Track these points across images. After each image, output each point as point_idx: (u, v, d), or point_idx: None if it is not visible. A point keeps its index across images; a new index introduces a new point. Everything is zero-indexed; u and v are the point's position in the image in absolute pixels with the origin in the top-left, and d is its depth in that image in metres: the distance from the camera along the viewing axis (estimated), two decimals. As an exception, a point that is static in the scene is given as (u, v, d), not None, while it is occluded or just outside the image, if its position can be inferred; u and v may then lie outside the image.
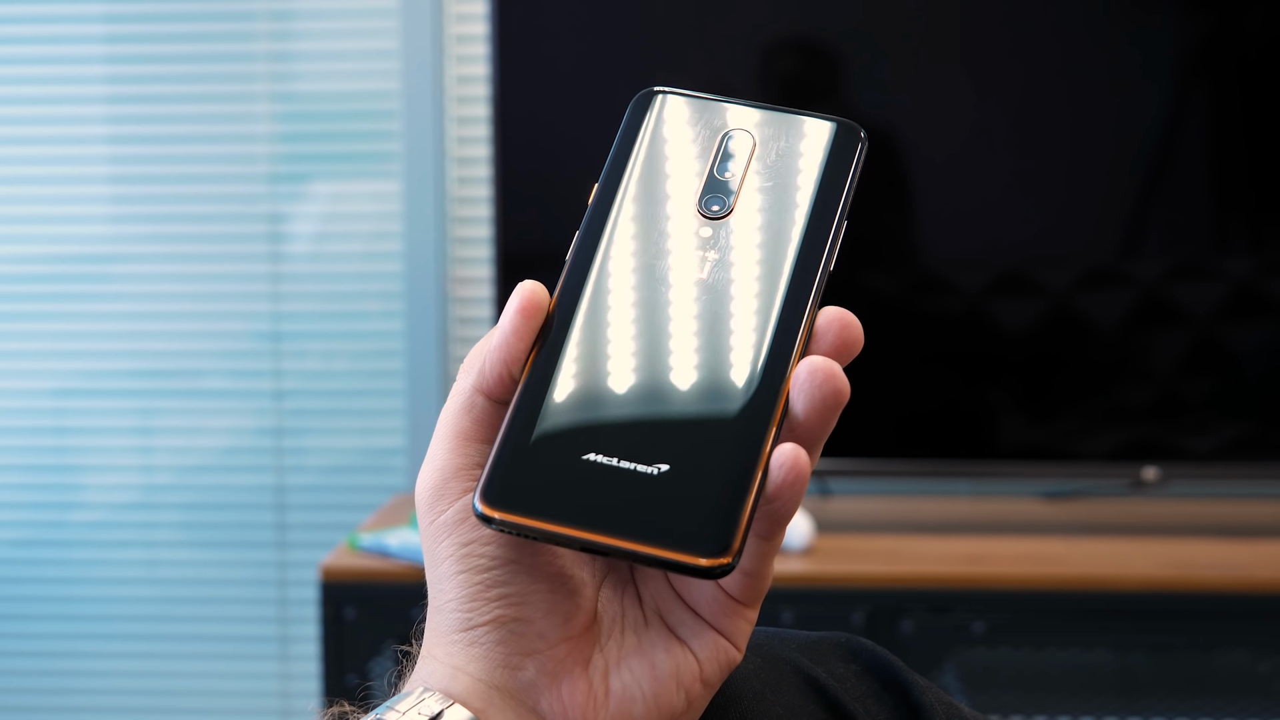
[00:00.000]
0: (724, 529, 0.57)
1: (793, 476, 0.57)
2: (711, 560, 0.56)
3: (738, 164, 0.65)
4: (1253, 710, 2.31)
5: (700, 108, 0.67)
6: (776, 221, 0.63)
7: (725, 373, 0.60)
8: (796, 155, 0.65)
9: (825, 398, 0.58)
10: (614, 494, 0.58)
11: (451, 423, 0.63)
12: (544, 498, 0.59)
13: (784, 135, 0.65)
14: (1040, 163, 2.49)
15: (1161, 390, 2.48)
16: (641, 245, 0.64)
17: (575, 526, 0.58)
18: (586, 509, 0.58)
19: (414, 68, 2.75)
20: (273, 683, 2.92)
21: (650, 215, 0.65)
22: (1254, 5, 2.46)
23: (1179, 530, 2.47)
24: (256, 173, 2.84)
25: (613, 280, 0.63)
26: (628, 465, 0.59)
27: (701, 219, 0.64)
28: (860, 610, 2.24)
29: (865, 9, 2.49)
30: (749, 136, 0.65)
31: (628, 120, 0.67)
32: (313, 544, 2.87)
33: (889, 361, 2.48)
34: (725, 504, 0.57)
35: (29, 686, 2.96)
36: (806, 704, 0.69)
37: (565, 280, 0.64)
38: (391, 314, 2.83)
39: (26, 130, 2.88)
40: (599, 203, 0.65)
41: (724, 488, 0.58)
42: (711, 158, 0.65)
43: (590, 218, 0.65)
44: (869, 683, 0.71)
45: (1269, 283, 2.45)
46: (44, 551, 2.94)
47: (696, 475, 0.58)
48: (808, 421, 0.59)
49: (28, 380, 2.92)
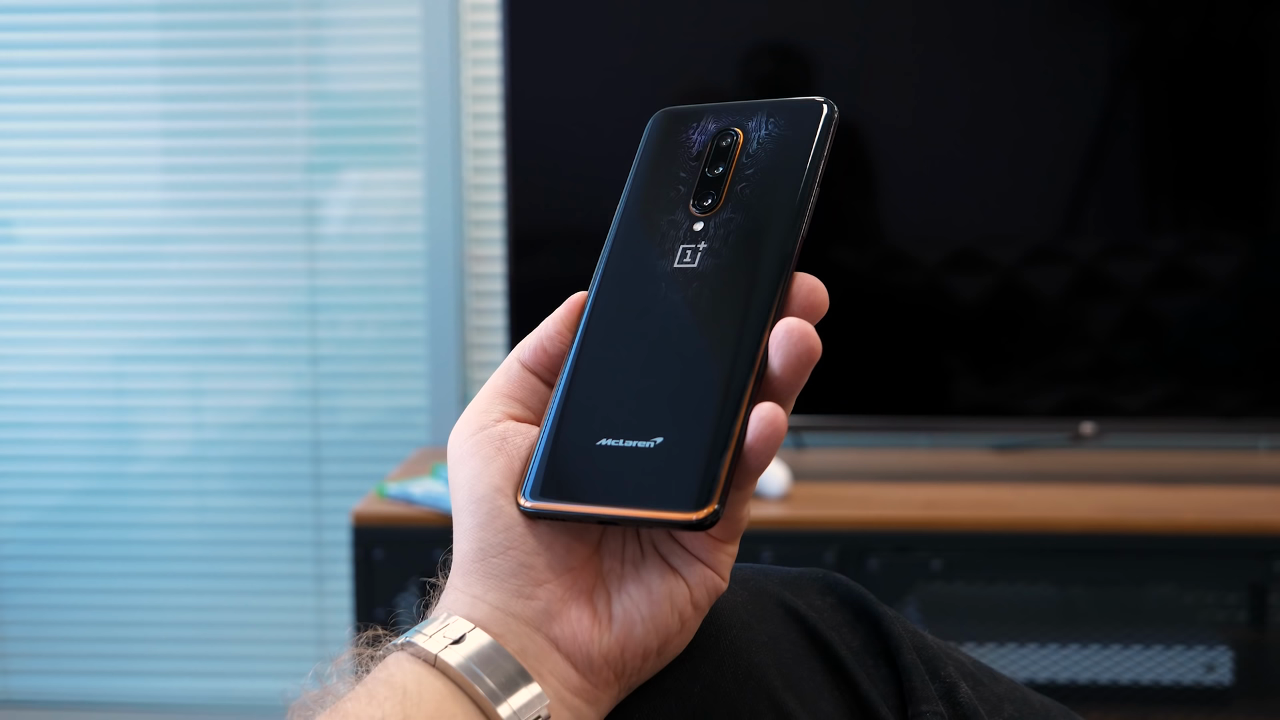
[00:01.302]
0: (706, 486, 0.58)
1: (769, 431, 0.58)
2: (698, 515, 0.57)
3: (726, 160, 0.65)
4: (1179, 637, 2.31)
5: (697, 115, 0.67)
6: (755, 204, 0.63)
7: (710, 346, 0.61)
8: (774, 139, 0.64)
9: (800, 355, 0.59)
10: (620, 471, 0.60)
11: (490, 382, 0.65)
12: (563, 486, 0.61)
13: (764, 124, 0.65)
14: (991, 153, 2.48)
15: (1098, 354, 2.47)
16: (645, 251, 0.65)
17: (588, 505, 0.60)
18: (598, 488, 0.60)
19: (434, 69, 2.74)
20: (310, 615, 2.92)
21: (651, 223, 0.65)
22: (1178, 15, 2.45)
23: (1113, 478, 2.47)
24: (294, 163, 2.83)
25: (619, 288, 0.64)
26: (631, 444, 0.60)
27: (694, 216, 0.64)
28: (831, 550, 2.24)
29: (836, 20, 2.48)
30: (737, 133, 0.65)
31: (641, 143, 0.68)
32: (345, 492, 2.87)
33: (857, 328, 2.47)
34: (707, 463, 0.58)
35: (93, 619, 2.96)
36: (788, 633, 0.68)
37: (589, 294, 0.65)
38: (414, 288, 2.83)
39: (88, 125, 2.87)
40: (615, 221, 0.66)
41: (706, 448, 0.59)
42: (705, 160, 0.66)
43: (609, 237, 0.66)
44: (844, 613, 0.71)
45: (1192, 259, 2.45)
46: (105, 500, 2.94)
47: (684, 441, 0.59)
48: (784, 375, 0.59)
49: (91, 348, 2.91)
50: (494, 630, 0.60)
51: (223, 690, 2.95)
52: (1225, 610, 2.60)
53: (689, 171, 0.66)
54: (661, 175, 0.66)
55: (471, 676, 0.58)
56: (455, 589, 0.62)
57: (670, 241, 0.64)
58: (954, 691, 0.70)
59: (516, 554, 0.61)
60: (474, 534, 0.62)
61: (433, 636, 0.59)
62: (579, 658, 0.61)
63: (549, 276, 2.50)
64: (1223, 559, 2.23)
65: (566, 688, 0.61)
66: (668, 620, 0.62)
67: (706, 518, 0.57)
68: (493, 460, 0.62)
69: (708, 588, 0.62)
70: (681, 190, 0.65)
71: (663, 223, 0.65)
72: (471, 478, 0.62)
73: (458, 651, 0.59)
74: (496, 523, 0.61)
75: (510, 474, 0.62)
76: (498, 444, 0.63)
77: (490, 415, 0.64)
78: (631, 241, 0.65)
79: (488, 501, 0.61)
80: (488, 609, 0.61)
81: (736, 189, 0.64)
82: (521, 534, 0.61)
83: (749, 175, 0.64)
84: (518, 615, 0.61)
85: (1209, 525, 2.21)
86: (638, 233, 0.65)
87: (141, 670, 2.97)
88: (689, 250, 0.63)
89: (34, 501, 2.96)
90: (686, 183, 0.65)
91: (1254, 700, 2.31)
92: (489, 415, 0.64)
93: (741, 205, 0.63)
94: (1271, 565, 2.22)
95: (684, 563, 0.62)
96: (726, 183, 0.64)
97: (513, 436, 0.63)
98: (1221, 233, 2.47)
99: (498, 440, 0.63)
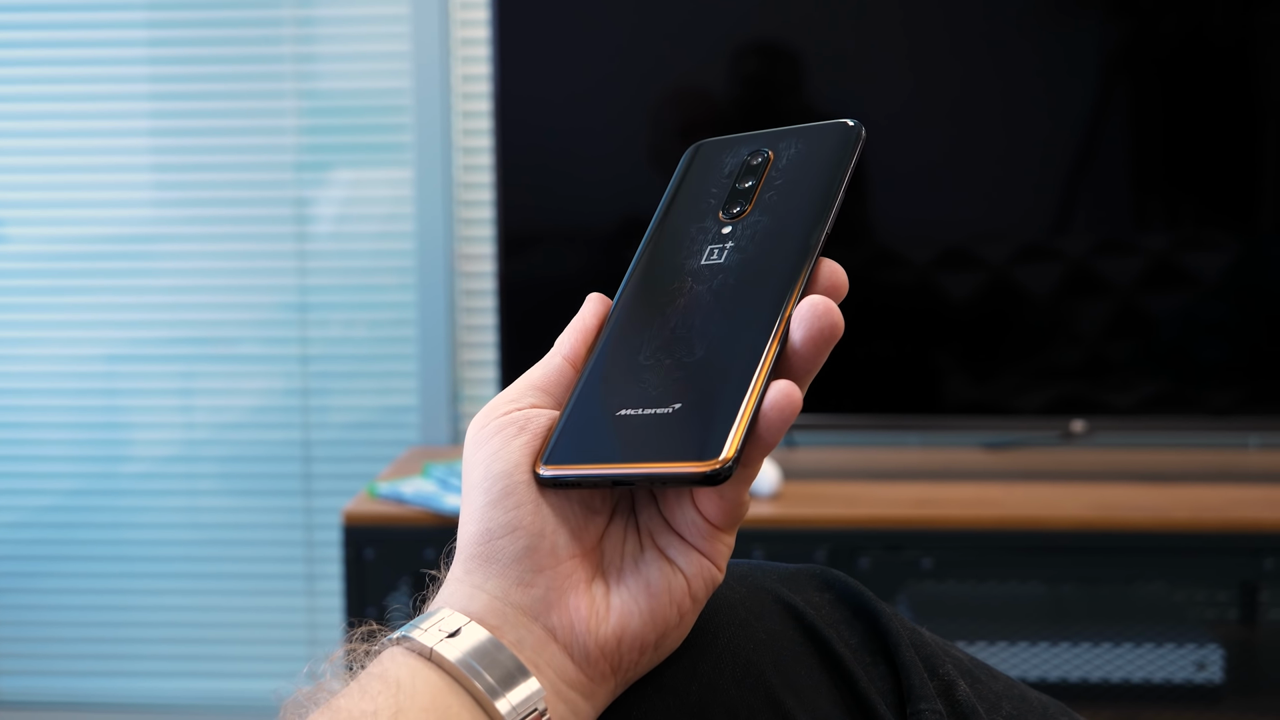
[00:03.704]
0: (720, 437, 0.58)
1: (785, 402, 0.58)
2: (712, 465, 0.57)
3: (756, 175, 0.67)
4: (1170, 635, 2.31)
5: (730, 143, 0.70)
6: (782, 208, 0.65)
7: (733, 327, 0.62)
8: (803, 155, 0.67)
9: (823, 329, 0.60)
10: (637, 435, 0.61)
11: (525, 375, 0.66)
12: (580, 451, 0.61)
13: (794, 145, 0.67)
14: (980, 151, 2.48)
15: (1088, 352, 2.47)
16: (674, 253, 0.67)
17: (602, 465, 0.60)
18: (612, 450, 0.61)
19: (424, 68, 2.74)
20: (301, 615, 2.91)
21: (681, 231, 0.67)
22: (1169, 11, 2.45)
23: (1104, 476, 2.47)
24: (283, 162, 2.82)
25: (646, 280, 0.67)
26: (649, 411, 0.61)
27: (723, 222, 0.66)
28: (822, 549, 2.24)
29: (825, 18, 2.47)
30: (767, 153, 0.68)
31: (678, 168, 0.71)
32: (336, 492, 2.86)
33: (848, 327, 2.46)
34: (723, 419, 0.58)
35: (83, 620, 2.95)
36: (786, 629, 0.68)
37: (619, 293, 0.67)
38: (405, 287, 2.82)
39: (78, 124, 2.86)
40: (648, 232, 0.69)
41: (721, 407, 0.59)
42: (735, 176, 0.68)
43: (641, 244, 0.68)
44: (841, 610, 0.71)
45: (1182, 256, 2.45)
46: (96, 500, 2.93)
47: (702, 404, 0.60)
48: (804, 350, 0.60)
49: (81, 348, 2.90)
50: (491, 621, 0.60)
51: (214, 690, 2.94)
52: (1216, 608, 2.60)
53: (720, 187, 0.68)
54: (694, 193, 0.69)
55: (469, 671, 0.58)
56: (455, 579, 0.62)
57: (699, 244, 0.66)
58: (952, 689, 0.69)
59: (522, 536, 0.61)
60: (483, 513, 0.61)
61: (428, 630, 0.59)
62: (576, 649, 0.61)
63: (539, 275, 2.50)
64: (1213, 557, 2.23)
65: (563, 680, 0.61)
66: (666, 613, 0.61)
67: (721, 468, 0.57)
68: (515, 439, 0.62)
69: (705, 579, 0.62)
70: (712, 203, 0.67)
71: (692, 229, 0.67)
72: (490, 456, 0.62)
73: (454, 645, 0.58)
74: (508, 500, 0.61)
75: (531, 452, 0.62)
76: (521, 424, 0.63)
77: (518, 404, 0.64)
78: (661, 247, 0.67)
79: (504, 477, 0.61)
80: (486, 598, 0.60)
81: (765, 197, 0.66)
82: (531, 514, 0.61)
83: (778, 185, 0.66)
84: (516, 604, 0.60)
85: (1199, 523, 2.21)
86: (668, 238, 0.68)
87: (132, 670, 2.96)
88: (716, 249, 0.65)
89: (24, 502, 2.95)
90: (717, 196, 0.68)
91: (1245, 698, 2.31)
92: (517, 403, 0.64)
93: (769, 209, 0.65)
94: (1262, 563, 2.22)
95: (681, 553, 0.62)
96: (756, 193, 0.66)
97: (536, 418, 0.63)
98: (1212, 230, 2.47)
99: (521, 420, 0.63)
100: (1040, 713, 0.73)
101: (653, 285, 0.66)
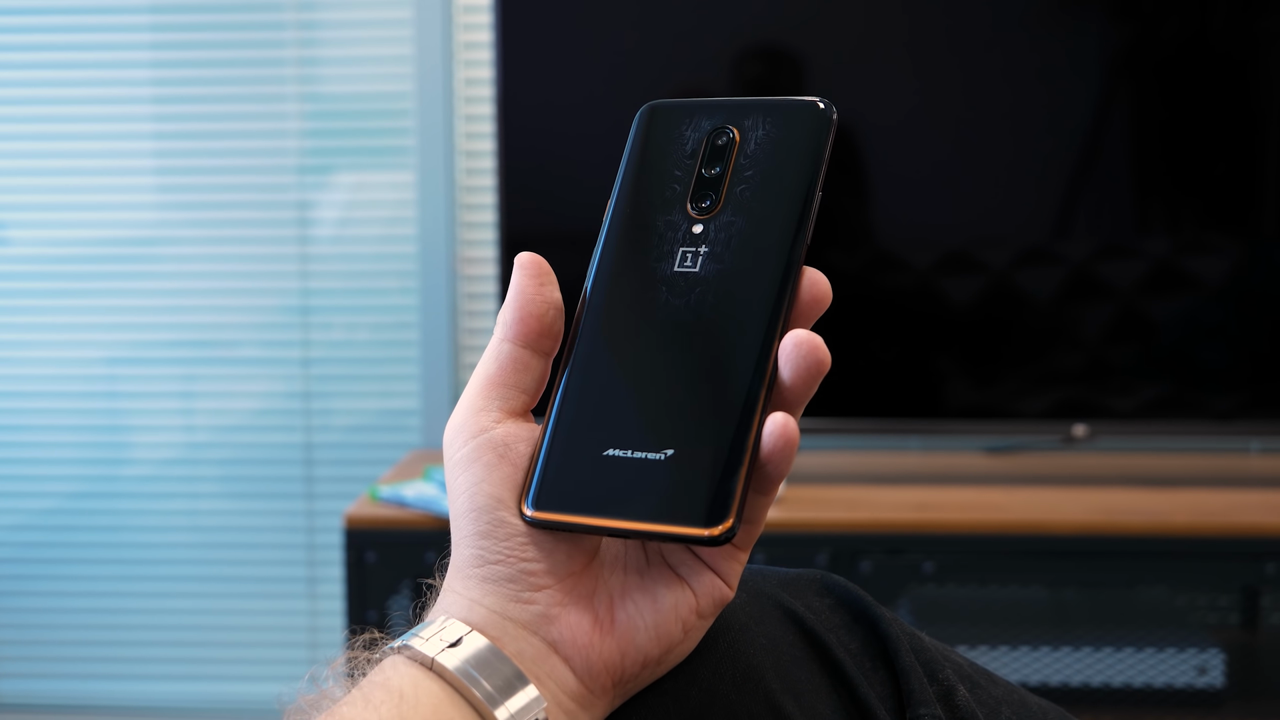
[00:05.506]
0: (722, 501, 0.57)
1: (782, 443, 0.58)
2: (715, 531, 0.57)
3: (723, 160, 0.63)
4: (1171, 639, 2.31)
5: (689, 111, 0.65)
6: (757, 208, 0.62)
7: (719, 356, 0.60)
8: (773, 140, 0.63)
9: (810, 366, 0.59)
10: (630, 483, 0.59)
11: (480, 371, 0.63)
12: (567, 497, 0.59)
13: (761, 123, 0.64)
14: (982, 155, 2.48)
15: (1090, 356, 2.47)
16: (642, 252, 0.63)
17: (598, 517, 0.59)
18: (607, 500, 0.59)
19: (426, 71, 2.74)
20: (302, 619, 2.91)
21: (646, 223, 0.64)
22: (1171, 15, 2.45)
23: (1105, 480, 2.47)
24: (286, 165, 2.82)
25: (617, 289, 0.63)
26: (640, 455, 0.59)
27: (692, 218, 0.63)
28: (824, 552, 2.24)
29: (827, 22, 2.47)
30: (732, 131, 0.64)
31: (631, 136, 0.66)
32: (337, 495, 2.86)
33: (848, 331, 2.47)
34: (722, 477, 0.57)
35: (84, 623, 2.95)
36: (787, 634, 0.68)
37: (584, 293, 0.63)
38: (407, 290, 2.82)
39: (80, 127, 2.86)
40: (608, 217, 0.65)
41: (721, 462, 0.58)
42: (700, 158, 0.64)
43: (602, 234, 0.64)
44: (842, 615, 0.71)
45: (1183, 260, 2.45)
46: (97, 503, 2.93)
47: (697, 453, 0.58)
48: (794, 386, 0.59)
49: (83, 350, 2.90)
50: (491, 634, 0.59)
51: (215, 693, 2.94)
52: (1217, 612, 2.60)
53: (684, 170, 0.64)
54: (654, 172, 0.65)
55: (469, 679, 0.57)
56: (453, 592, 0.61)
57: (668, 243, 0.63)
58: (952, 694, 0.69)
59: (516, 561, 0.60)
60: (473, 541, 0.61)
61: (429, 639, 0.59)
62: (578, 662, 0.60)
63: (541, 279, 2.49)
64: (1215, 561, 2.23)
65: (564, 691, 0.60)
66: (671, 629, 0.61)
67: (723, 534, 0.57)
68: (495, 468, 0.61)
69: (714, 597, 0.62)
70: (677, 190, 0.64)
71: (659, 222, 0.63)
72: (472, 486, 0.61)
73: (455, 654, 0.58)
74: (498, 532, 0.60)
75: (513, 485, 0.61)
76: (500, 451, 0.61)
77: (489, 415, 0.62)
78: (626, 240, 0.64)
79: (489, 512, 0.60)
80: (484, 612, 0.60)
81: (735, 191, 0.63)
82: (522, 543, 0.60)
83: (748, 177, 0.63)
84: (515, 619, 0.60)
85: (1201, 527, 2.21)
86: (633, 232, 0.64)
87: (133, 674, 2.96)
88: (689, 254, 0.62)
89: (25, 504, 2.95)
90: (682, 181, 0.64)
91: (1246, 703, 2.31)
92: (487, 415, 0.62)
93: (742, 209, 0.62)
94: (1263, 567, 2.22)
95: (692, 572, 0.61)
96: (725, 184, 0.63)
97: (515, 444, 0.62)
98: (1213, 234, 2.47)
99: (500, 447, 0.61)
100: (1040, 718, 0.73)
101: (624, 292, 0.62)
